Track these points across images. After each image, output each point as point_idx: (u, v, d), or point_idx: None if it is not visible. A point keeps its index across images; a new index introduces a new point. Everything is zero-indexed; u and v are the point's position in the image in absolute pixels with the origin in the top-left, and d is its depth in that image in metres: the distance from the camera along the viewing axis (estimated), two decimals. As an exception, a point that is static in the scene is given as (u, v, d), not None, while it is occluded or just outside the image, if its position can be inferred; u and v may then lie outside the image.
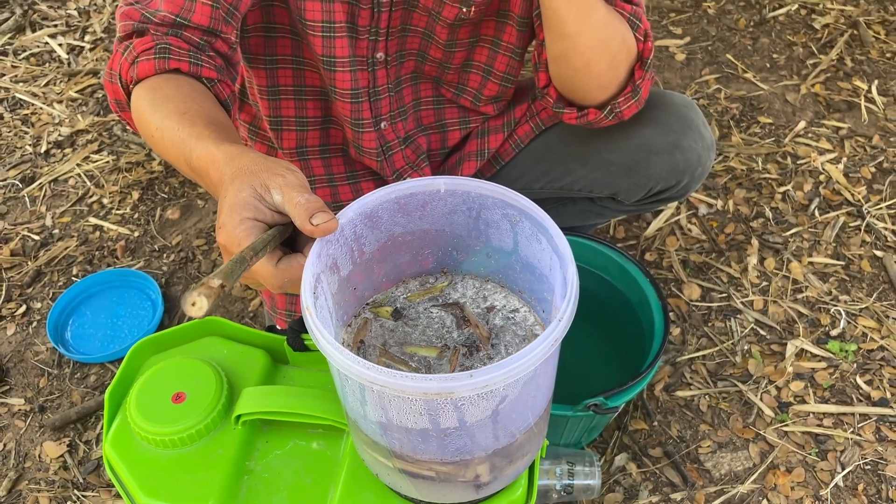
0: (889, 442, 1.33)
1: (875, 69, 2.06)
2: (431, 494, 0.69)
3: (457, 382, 0.53)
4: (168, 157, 0.82)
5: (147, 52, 0.86)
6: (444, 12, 1.02)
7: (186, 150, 0.76)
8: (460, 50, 1.10)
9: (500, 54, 1.11)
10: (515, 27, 1.07)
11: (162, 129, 0.80)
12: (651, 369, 1.13)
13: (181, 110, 0.80)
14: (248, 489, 0.77)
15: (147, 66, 0.86)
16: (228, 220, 0.65)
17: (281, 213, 0.67)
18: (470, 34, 1.09)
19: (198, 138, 0.76)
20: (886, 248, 1.63)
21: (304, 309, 0.58)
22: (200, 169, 0.74)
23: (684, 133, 1.11)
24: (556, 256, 0.64)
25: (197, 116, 0.80)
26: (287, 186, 0.65)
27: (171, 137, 0.79)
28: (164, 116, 0.81)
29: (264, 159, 0.68)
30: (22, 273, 1.68)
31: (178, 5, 0.88)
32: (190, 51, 0.88)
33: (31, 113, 2.10)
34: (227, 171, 0.69)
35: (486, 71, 1.14)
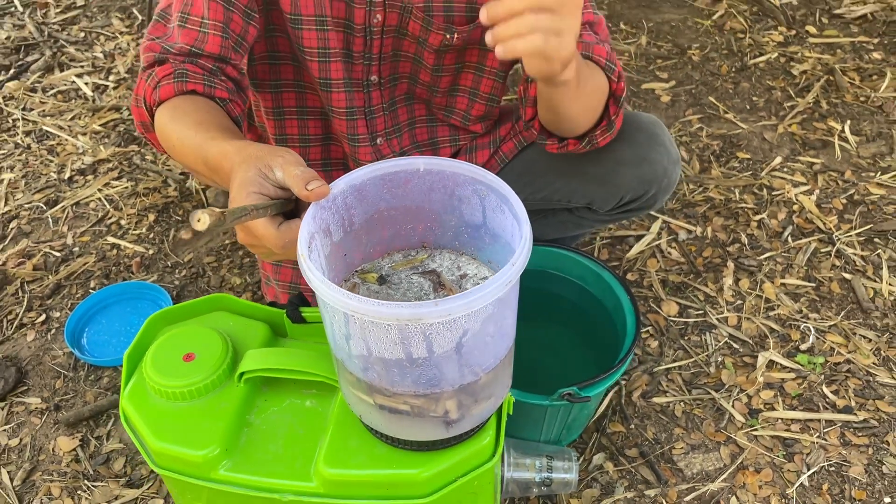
0: (853, 446, 1.41)
1: (849, 111, 2.19)
2: (407, 431, 0.78)
3: (424, 309, 0.64)
4: (187, 162, 0.95)
5: (167, 78, 1.00)
6: (431, 39, 1.16)
7: (203, 152, 0.89)
8: (446, 75, 1.24)
9: (484, 78, 1.24)
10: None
11: (182, 139, 0.94)
12: (622, 365, 1.23)
13: (197, 122, 0.94)
14: (247, 438, 0.87)
15: (168, 88, 0.99)
16: (237, 195, 0.77)
17: (283, 188, 0.78)
18: (455, 60, 1.22)
19: (212, 140, 0.89)
20: (855, 271, 1.73)
21: (300, 256, 0.69)
22: (215, 164, 0.87)
23: (651, 147, 1.24)
24: (516, 222, 0.75)
25: (211, 125, 0.93)
26: (286, 163, 0.77)
27: (189, 144, 0.92)
28: (184, 127, 0.94)
29: (267, 146, 0.81)
30: (43, 286, 1.80)
31: (193, 37, 1.03)
32: (204, 75, 1.02)
33: (56, 143, 2.25)
34: (236, 160, 0.82)
35: (472, 93, 1.27)
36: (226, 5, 1.04)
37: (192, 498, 0.89)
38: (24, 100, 2.43)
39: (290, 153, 0.79)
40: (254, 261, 1.82)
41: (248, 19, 1.06)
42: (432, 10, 1.12)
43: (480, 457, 0.84)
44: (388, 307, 0.64)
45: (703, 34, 2.56)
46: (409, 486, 0.81)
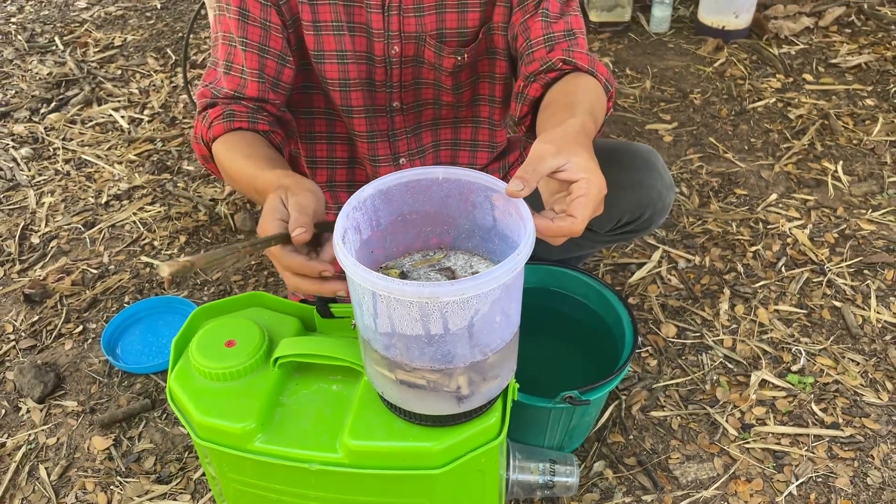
0: (839, 459, 1.49)
1: (842, 153, 2.31)
2: (423, 406, 0.89)
3: (442, 288, 0.75)
4: (242, 188, 1.12)
5: (218, 118, 1.17)
6: (444, 63, 1.29)
7: (253, 181, 1.05)
8: (466, 89, 1.36)
9: (497, 84, 1.37)
10: (504, 59, 1.33)
11: (235, 169, 1.11)
12: (621, 371, 1.33)
13: (246, 154, 1.11)
14: (280, 416, 0.98)
15: (219, 127, 1.16)
16: (263, 219, 0.93)
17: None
18: (470, 74, 1.35)
19: (259, 170, 1.05)
20: (845, 300, 1.83)
21: (335, 245, 0.81)
22: (263, 190, 1.01)
23: (647, 173, 1.36)
24: (521, 222, 0.86)
25: (258, 157, 1.10)
26: (295, 204, 0.92)
27: (242, 174, 1.09)
28: (237, 158, 1.12)
29: (296, 181, 0.97)
30: (80, 300, 1.92)
31: (236, 83, 1.22)
32: (248, 113, 1.18)
33: (94, 171, 2.40)
34: (270, 188, 0.97)
35: (490, 100, 1.39)
36: (260, 54, 1.21)
37: (230, 468, 0.99)
38: (64, 130, 2.59)
39: (307, 194, 0.93)
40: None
41: (282, 63, 1.23)
42: (445, 35, 1.26)
43: (488, 434, 0.94)
44: (410, 286, 0.75)
45: (705, 80, 2.70)
46: (424, 458, 0.91)
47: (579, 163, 0.90)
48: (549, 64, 1.18)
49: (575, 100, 1.10)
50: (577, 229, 0.88)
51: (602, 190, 0.90)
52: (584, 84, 1.16)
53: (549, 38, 1.23)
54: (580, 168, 0.90)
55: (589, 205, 0.88)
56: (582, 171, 0.89)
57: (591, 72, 1.18)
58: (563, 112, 1.07)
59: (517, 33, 1.26)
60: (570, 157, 0.90)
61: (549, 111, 1.11)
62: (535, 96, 1.19)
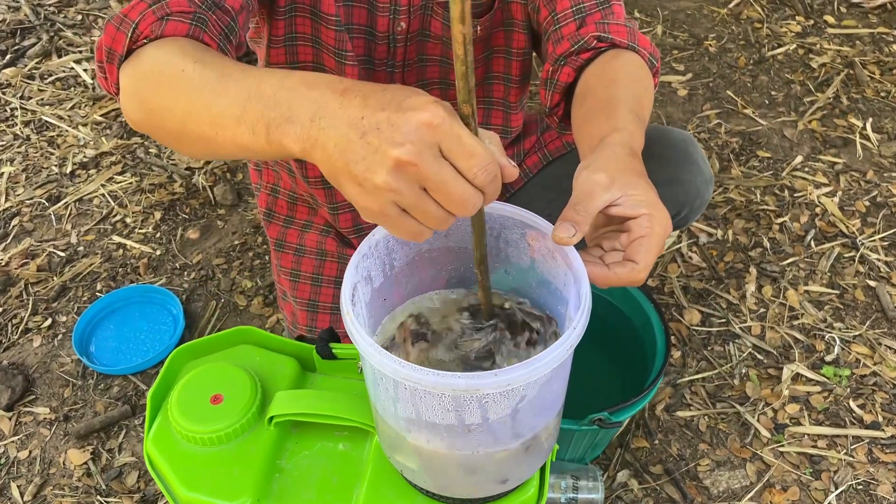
0: (881, 463, 1.39)
1: (870, 107, 2.15)
2: (450, 489, 0.75)
3: (483, 380, 0.59)
4: (198, 93, 0.71)
5: (183, 15, 0.81)
6: None
7: (255, 77, 0.67)
8: (478, 66, 1.17)
9: (514, 61, 1.18)
10: (523, 32, 1.14)
11: (197, 69, 0.72)
12: (653, 387, 1.19)
13: (227, 60, 0.74)
14: (279, 486, 0.83)
15: (181, 27, 0.80)
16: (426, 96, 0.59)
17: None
18: (483, 49, 1.16)
19: (268, 72, 0.67)
20: (879, 278, 1.70)
21: (345, 313, 0.65)
22: (291, 86, 0.63)
23: (683, 167, 1.19)
24: (570, 273, 0.71)
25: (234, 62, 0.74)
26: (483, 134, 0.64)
27: (215, 73, 0.70)
28: (205, 59, 0.73)
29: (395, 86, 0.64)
30: (48, 288, 1.75)
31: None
32: (220, 34, 0.86)
33: (56, 135, 2.18)
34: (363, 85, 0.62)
35: (505, 79, 1.21)
36: None
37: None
38: (21, 87, 2.36)
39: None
40: (264, 263, 1.78)
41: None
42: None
43: (524, 508, 0.81)
44: (443, 377, 0.60)
45: (720, 23, 2.49)
46: (451, 541, 0.78)
47: (637, 196, 0.74)
48: (582, 43, 1.00)
49: (616, 94, 0.93)
50: (639, 278, 0.72)
51: (667, 229, 0.74)
52: (625, 66, 0.98)
53: (578, 9, 1.04)
54: (640, 203, 0.73)
55: (653, 248, 0.72)
56: (643, 206, 0.73)
57: (631, 47, 1.00)
58: (602, 115, 0.89)
59: (539, 4, 1.07)
60: (625, 188, 0.74)
61: (585, 111, 0.93)
62: (567, 82, 1.02)
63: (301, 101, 0.62)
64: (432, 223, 0.60)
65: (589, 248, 0.78)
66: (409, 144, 0.55)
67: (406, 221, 0.59)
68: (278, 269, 1.31)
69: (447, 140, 0.56)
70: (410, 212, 0.59)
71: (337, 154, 0.58)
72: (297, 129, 0.61)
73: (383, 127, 0.56)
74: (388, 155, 0.56)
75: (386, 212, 0.58)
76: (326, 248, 1.27)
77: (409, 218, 0.59)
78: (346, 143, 0.58)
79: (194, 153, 0.79)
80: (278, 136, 0.63)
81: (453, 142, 0.56)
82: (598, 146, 0.81)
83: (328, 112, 0.60)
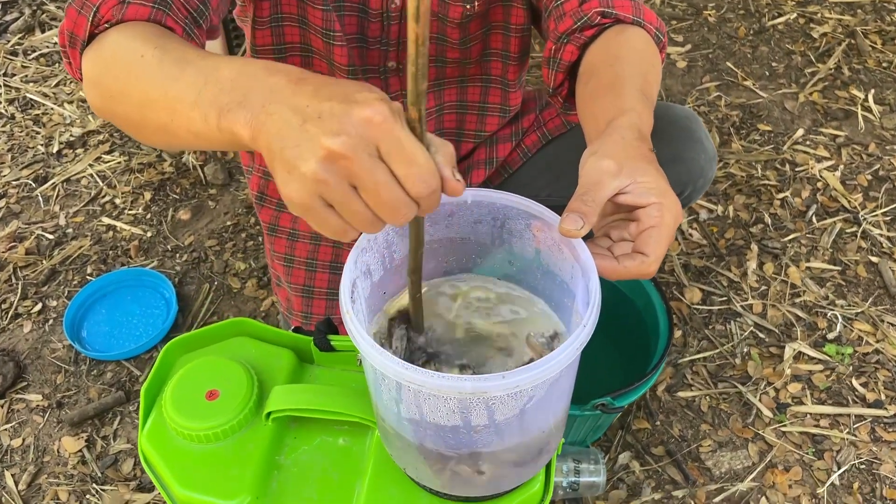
0: (883, 442, 1.38)
1: (872, 78, 2.11)
2: (455, 487, 0.73)
3: (490, 383, 0.57)
4: (155, 79, 0.68)
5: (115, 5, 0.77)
6: (450, 13, 1.05)
7: (213, 62, 0.65)
8: (475, 43, 1.12)
9: (512, 37, 1.13)
10: (522, 7, 1.09)
11: (157, 55, 0.69)
12: (656, 371, 1.17)
13: (188, 46, 0.71)
14: (278, 483, 0.81)
15: (142, 10, 0.77)
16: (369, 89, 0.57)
17: None
18: (481, 25, 1.11)
19: (215, 58, 0.65)
20: (882, 254, 1.68)
21: (345, 313, 0.62)
22: (251, 72, 0.61)
23: (687, 144, 1.16)
24: (577, 266, 0.68)
25: (195, 49, 0.71)
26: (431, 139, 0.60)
27: (175, 58, 0.68)
28: (166, 44, 0.70)
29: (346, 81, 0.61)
30: (37, 272, 1.72)
31: None
32: (187, 18, 0.82)
33: (42, 113, 2.13)
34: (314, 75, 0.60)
35: (504, 56, 1.16)
36: None
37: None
38: (4, 64, 2.30)
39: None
40: (258, 244, 1.75)
41: None
42: None
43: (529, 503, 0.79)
44: (449, 380, 0.57)
45: (719, -8, 2.44)
46: (456, 539, 0.76)
47: (647, 184, 0.71)
48: (585, 19, 0.96)
49: (622, 72, 0.89)
50: (650, 271, 0.70)
51: (678, 217, 0.71)
52: (631, 42, 0.94)
53: None
54: (649, 190, 0.70)
55: (664, 238, 0.70)
56: (653, 194, 0.70)
57: (637, 22, 0.96)
58: (608, 95, 0.86)
59: None
60: (634, 175, 0.71)
61: (590, 91, 0.90)
62: (570, 61, 0.98)
63: (258, 87, 0.59)
64: (359, 224, 0.57)
65: (596, 238, 0.75)
66: (345, 136, 0.53)
67: (330, 217, 0.56)
68: (272, 253, 1.28)
69: (386, 141, 0.54)
70: (336, 208, 0.56)
71: (276, 139, 0.56)
72: (247, 115, 0.58)
73: (325, 116, 0.54)
74: (321, 144, 0.53)
75: (309, 203, 0.55)
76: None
77: (334, 214, 0.56)
78: (286, 128, 0.55)
79: (154, 142, 0.76)
80: (229, 123, 0.60)
81: (392, 144, 0.54)
82: (605, 130, 0.78)
83: (278, 98, 0.57)
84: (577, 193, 0.70)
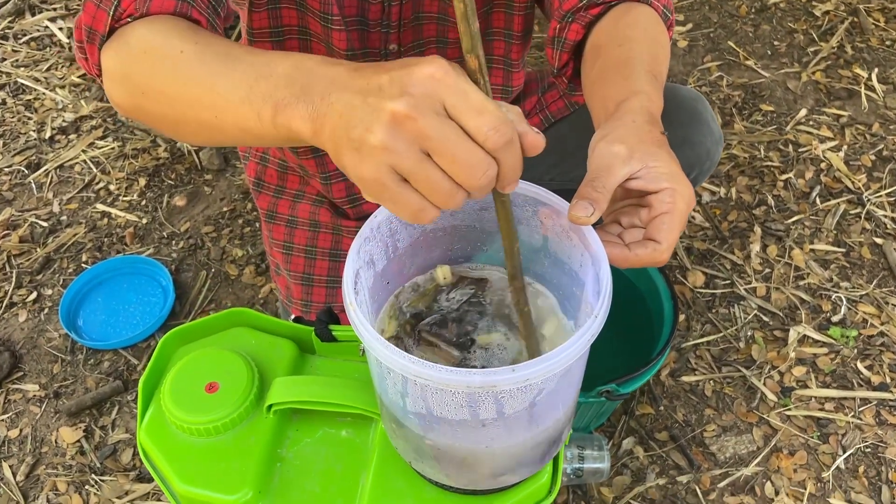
0: (889, 426, 1.37)
1: (875, 57, 2.08)
2: (462, 480, 0.71)
3: (499, 376, 0.55)
4: (198, 75, 0.66)
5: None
6: None
7: (264, 58, 0.62)
8: (478, 21, 1.09)
9: (515, 15, 1.10)
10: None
11: (198, 49, 0.67)
12: (661, 357, 1.16)
13: (230, 42, 0.68)
14: (280, 476, 0.80)
15: (167, 3, 0.74)
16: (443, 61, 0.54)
17: None
18: (483, 4, 1.08)
19: (282, 54, 0.62)
20: (886, 235, 1.66)
21: (348, 304, 0.60)
22: (308, 67, 0.58)
23: (693, 127, 1.13)
24: (587, 254, 0.66)
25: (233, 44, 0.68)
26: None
27: (218, 53, 0.65)
28: (206, 39, 0.68)
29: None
30: (31, 260, 1.69)
31: None
32: (208, 8, 0.80)
33: (33, 98, 2.10)
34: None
35: (507, 35, 1.13)
36: None
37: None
38: (-6, 49, 2.26)
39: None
40: (255, 230, 1.72)
41: None
42: None
43: (536, 496, 0.78)
44: (458, 374, 0.55)
45: (720, -30, 2.40)
46: (463, 532, 0.75)
47: (659, 169, 0.68)
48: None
49: (631, 52, 0.86)
50: (662, 259, 0.68)
51: (691, 203, 0.69)
52: (639, 21, 0.91)
53: None
54: (661, 176, 0.68)
55: (676, 225, 0.68)
56: (665, 179, 0.68)
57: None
58: (617, 77, 0.83)
59: None
60: (645, 160, 0.69)
61: (597, 72, 0.87)
62: (576, 40, 0.95)
63: (317, 80, 0.57)
64: (437, 196, 0.53)
65: (606, 224, 0.73)
66: (408, 97, 0.50)
67: (406, 193, 0.53)
68: (270, 241, 1.26)
69: (452, 95, 0.51)
70: (411, 180, 0.53)
71: (340, 125, 0.53)
72: (307, 108, 0.56)
73: (385, 85, 0.52)
74: (385, 109, 0.51)
75: (383, 179, 0.52)
76: (320, 218, 1.22)
77: (409, 189, 0.53)
78: (350, 110, 0.53)
79: (194, 140, 0.73)
80: (286, 118, 0.57)
81: (458, 97, 0.51)
82: (614, 113, 0.76)
83: (339, 86, 0.55)
84: (587, 179, 0.68)
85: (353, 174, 0.54)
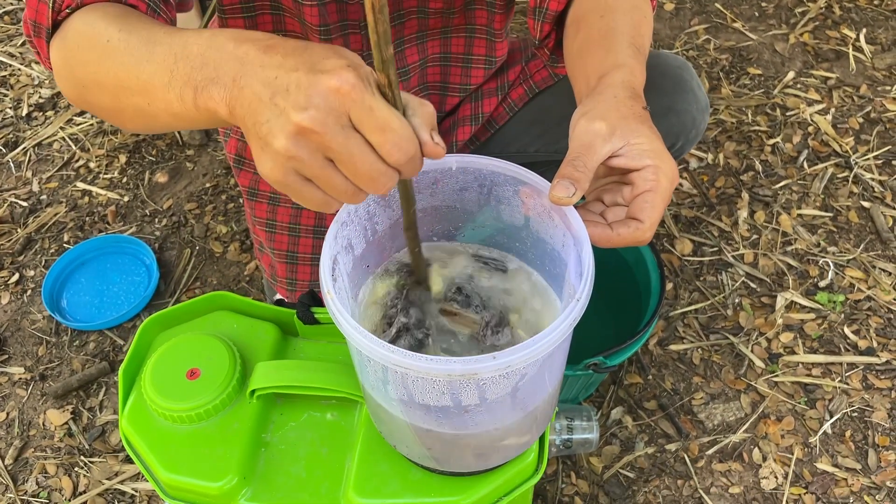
0: (875, 389, 1.38)
1: (863, 17, 2.06)
2: (447, 463, 0.71)
3: (480, 364, 0.54)
4: (125, 63, 0.64)
5: None
6: None
7: (181, 38, 0.61)
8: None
9: None
10: None
11: (122, 37, 0.65)
12: (648, 327, 1.16)
13: (154, 25, 0.67)
14: (265, 461, 0.79)
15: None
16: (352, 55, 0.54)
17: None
18: None
19: (180, 32, 0.62)
20: (873, 198, 1.66)
21: (326, 293, 0.59)
22: (219, 45, 0.58)
23: (679, 95, 1.12)
24: (569, 234, 0.65)
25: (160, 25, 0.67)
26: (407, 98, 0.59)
27: (142, 38, 0.64)
28: (131, 25, 0.66)
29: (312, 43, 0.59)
30: (12, 241, 1.67)
31: None
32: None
33: (9, 74, 2.05)
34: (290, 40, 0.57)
35: (489, 4, 1.11)
36: None
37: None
38: (-34, 23, 2.20)
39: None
40: (238, 206, 1.70)
41: None
42: None
43: (523, 475, 0.78)
44: (438, 363, 0.54)
45: (707, -71, 2.36)
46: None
47: (641, 146, 0.67)
48: None
49: (613, 23, 0.84)
50: (645, 238, 0.67)
51: (674, 180, 0.68)
52: None
53: None
54: (644, 153, 0.67)
55: (659, 203, 0.66)
56: (647, 156, 0.67)
57: None
58: (599, 49, 0.81)
59: None
60: (627, 137, 0.67)
61: (579, 44, 0.85)
62: (557, 10, 0.93)
63: (227, 59, 0.56)
64: (340, 196, 0.55)
65: (588, 202, 0.72)
66: (314, 110, 0.51)
67: (309, 190, 0.55)
68: (253, 219, 1.24)
69: (357, 110, 0.52)
70: (314, 181, 0.55)
71: (248, 115, 0.54)
72: (221, 91, 0.56)
73: (292, 89, 0.52)
74: (290, 119, 0.51)
75: (286, 180, 0.54)
76: (302, 195, 1.20)
77: (313, 187, 0.55)
78: (258, 104, 0.53)
79: (137, 128, 0.72)
80: (205, 101, 0.57)
81: (363, 112, 0.52)
82: (596, 87, 0.74)
83: (249, 70, 0.54)
84: (568, 158, 0.66)
85: (259, 168, 0.55)
